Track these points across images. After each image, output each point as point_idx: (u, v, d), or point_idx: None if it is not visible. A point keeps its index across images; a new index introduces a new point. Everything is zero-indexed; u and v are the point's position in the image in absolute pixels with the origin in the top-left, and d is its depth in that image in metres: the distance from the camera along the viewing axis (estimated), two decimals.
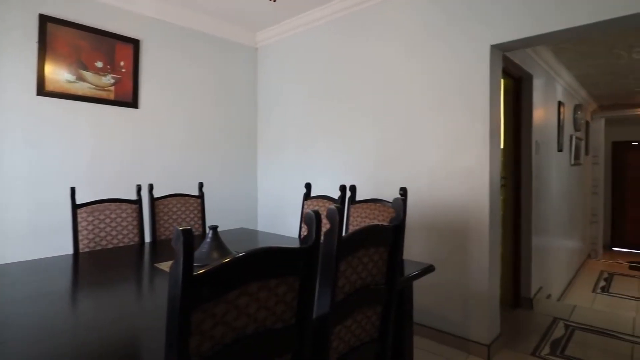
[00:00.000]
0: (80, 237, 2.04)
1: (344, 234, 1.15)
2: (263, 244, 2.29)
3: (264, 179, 3.82)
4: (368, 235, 1.23)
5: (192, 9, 3.23)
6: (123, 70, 2.90)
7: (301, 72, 3.43)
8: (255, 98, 3.86)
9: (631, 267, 6.06)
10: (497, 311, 2.48)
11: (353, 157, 3.04)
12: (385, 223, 1.37)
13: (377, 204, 2.07)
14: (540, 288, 3.50)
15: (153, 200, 2.40)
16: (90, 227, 2.08)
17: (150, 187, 2.40)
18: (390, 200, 1.84)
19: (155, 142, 3.13)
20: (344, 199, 2.25)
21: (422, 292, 2.57)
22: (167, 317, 0.73)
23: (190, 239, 0.71)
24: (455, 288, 2.47)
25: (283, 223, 3.58)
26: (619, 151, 7.22)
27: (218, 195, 3.51)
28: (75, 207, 2.07)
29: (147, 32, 3.06)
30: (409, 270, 1.70)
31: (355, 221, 2.13)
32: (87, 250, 2.05)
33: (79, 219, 2.06)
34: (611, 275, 5.59)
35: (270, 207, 3.76)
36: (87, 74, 2.73)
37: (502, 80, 3.12)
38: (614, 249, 7.20)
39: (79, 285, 1.58)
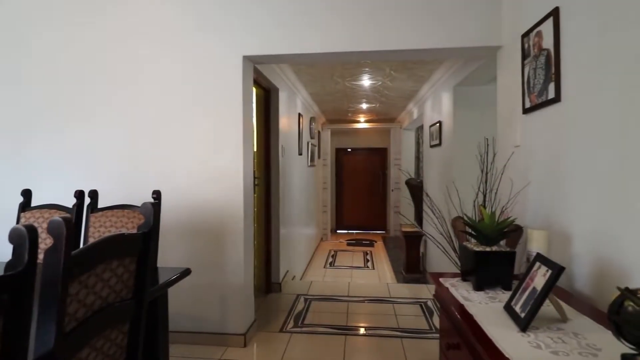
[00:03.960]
0: None
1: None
2: None
3: None
4: (109, 247, 1.08)
5: None
6: None
7: (24, 41, 2.64)
8: None
9: (348, 244, 7.97)
10: (252, 300, 2.72)
11: (97, 158, 2.60)
12: (133, 231, 1.24)
13: (126, 210, 1.86)
14: (287, 272, 4.08)
15: None
16: None
17: None
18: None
19: None
20: (82, 207, 1.89)
21: (180, 298, 2.49)
22: None
23: None
24: (213, 286, 2.54)
25: None
26: (340, 155, 9.36)
27: None
28: None
29: None
30: (164, 278, 1.61)
31: (97, 232, 1.83)
32: None
33: None
34: (336, 252, 7.18)
35: None
36: None
37: (254, 90, 3.43)
38: (338, 231, 9.25)
39: None
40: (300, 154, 5.09)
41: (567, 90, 1.63)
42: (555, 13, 1.70)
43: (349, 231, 9.25)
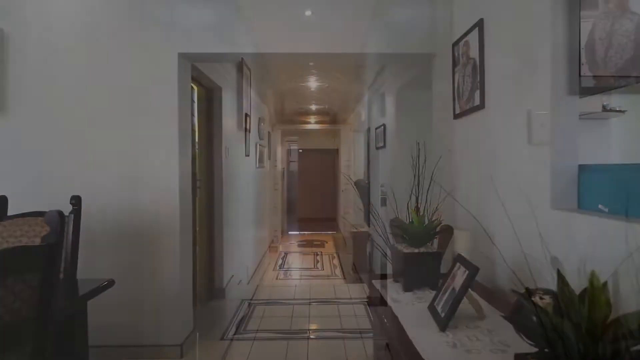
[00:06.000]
0: None
1: None
2: None
3: None
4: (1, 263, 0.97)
5: None
6: None
7: None
8: None
9: (299, 245, 7.95)
10: (190, 309, 2.60)
11: (8, 159, 2.36)
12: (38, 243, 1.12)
13: (39, 219, 1.68)
14: (232, 276, 3.96)
15: None
16: None
17: None
18: (66, 212, 1.54)
19: None
20: None
21: (110, 309, 2.32)
22: None
23: None
24: (147, 296, 2.40)
25: None
26: (291, 156, 9.31)
27: None
28: None
29: None
30: (85, 291, 1.49)
31: (5, 243, 1.64)
32: None
33: None
34: (286, 254, 7.12)
35: None
36: None
37: (195, 89, 3.29)
38: (289, 232, 9.20)
39: None
40: (247, 155, 4.98)
41: (489, 97, 1.72)
42: (480, 24, 1.79)
43: (301, 232, 9.24)
